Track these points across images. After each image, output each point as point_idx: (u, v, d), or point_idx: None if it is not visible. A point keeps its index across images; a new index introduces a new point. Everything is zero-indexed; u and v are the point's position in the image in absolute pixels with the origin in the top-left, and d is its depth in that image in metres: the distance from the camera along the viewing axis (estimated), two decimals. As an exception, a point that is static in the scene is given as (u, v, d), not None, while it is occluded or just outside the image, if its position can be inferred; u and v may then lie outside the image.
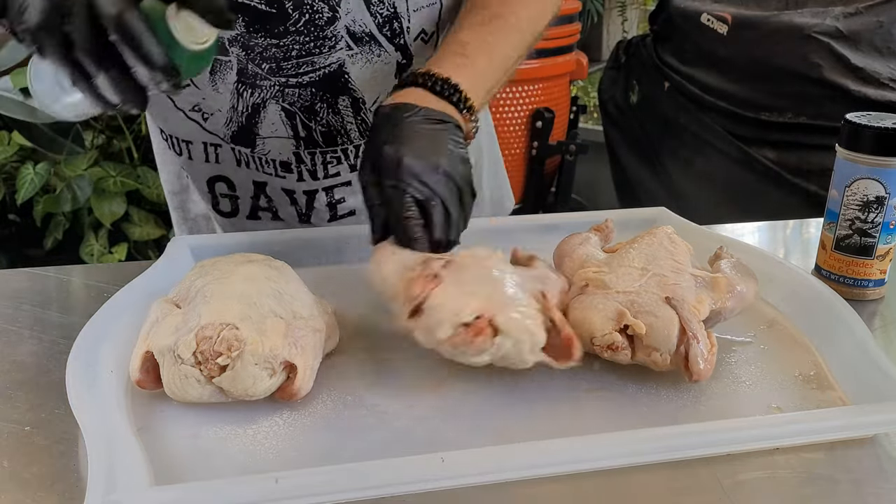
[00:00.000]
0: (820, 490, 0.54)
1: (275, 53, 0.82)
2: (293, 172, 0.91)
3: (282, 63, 0.83)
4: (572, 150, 2.48)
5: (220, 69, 0.84)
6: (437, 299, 0.59)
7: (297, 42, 0.82)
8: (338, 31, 0.83)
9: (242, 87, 0.85)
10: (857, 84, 1.73)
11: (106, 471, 0.49)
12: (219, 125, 0.88)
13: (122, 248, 2.26)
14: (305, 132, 0.89)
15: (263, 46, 0.82)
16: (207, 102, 0.86)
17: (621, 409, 0.61)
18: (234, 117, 0.87)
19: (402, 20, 0.85)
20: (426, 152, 0.68)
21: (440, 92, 0.74)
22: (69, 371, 0.59)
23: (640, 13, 3.48)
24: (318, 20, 0.81)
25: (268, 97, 0.86)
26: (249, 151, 0.90)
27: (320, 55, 0.84)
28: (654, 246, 0.72)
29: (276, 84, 0.85)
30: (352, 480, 0.50)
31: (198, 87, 0.85)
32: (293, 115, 0.87)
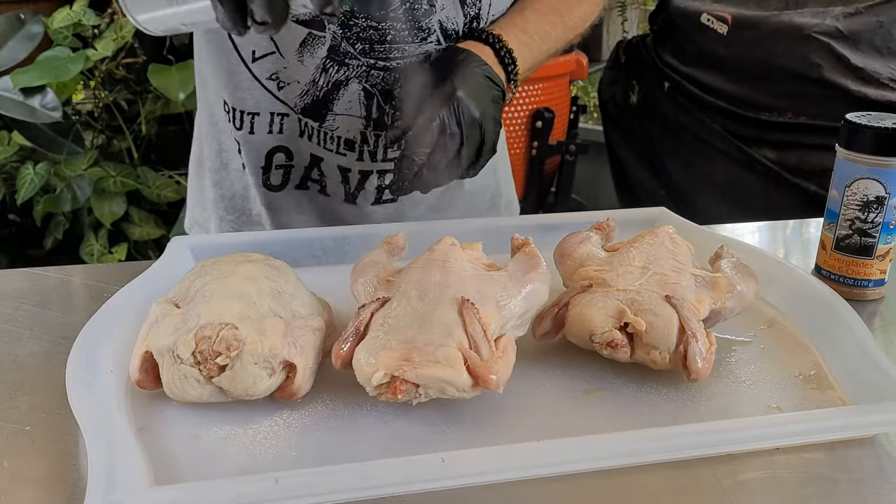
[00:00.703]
0: (820, 490, 0.54)
1: (371, 35, 0.86)
2: (355, 151, 0.93)
3: (375, 45, 0.87)
4: (572, 150, 2.48)
5: (311, 42, 0.87)
6: (355, 359, 0.59)
7: (393, 28, 0.86)
8: (432, 24, 0.88)
9: (330, 63, 0.88)
10: (857, 84, 1.73)
11: (106, 471, 0.49)
12: (292, 95, 0.90)
13: (122, 248, 2.26)
14: (378, 114, 0.91)
15: (362, 27, 0.86)
16: (288, 72, 0.89)
17: (621, 409, 0.61)
18: (312, 90, 0.90)
19: (482, 22, 0.91)
20: (475, 99, 0.77)
21: (502, 58, 0.84)
22: (69, 371, 0.59)
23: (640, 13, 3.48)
24: (416, 10, 0.86)
25: (352, 76, 0.89)
26: (318, 125, 0.92)
27: (412, 44, 0.88)
28: (655, 245, 0.72)
29: (365, 65, 0.88)
30: (352, 480, 0.50)
31: (283, 55, 0.88)
32: (372, 95, 0.90)
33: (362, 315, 0.62)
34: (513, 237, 0.74)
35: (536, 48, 0.89)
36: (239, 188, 0.99)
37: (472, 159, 0.79)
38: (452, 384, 0.56)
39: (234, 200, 1.01)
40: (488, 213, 1.07)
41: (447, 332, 0.59)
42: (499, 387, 0.57)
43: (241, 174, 0.98)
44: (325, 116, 0.91)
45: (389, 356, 0.57)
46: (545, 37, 0.90)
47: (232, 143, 0.97)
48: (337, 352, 0.60)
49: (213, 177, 1.01)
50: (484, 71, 0.81)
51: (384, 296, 0.64)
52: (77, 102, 2.35)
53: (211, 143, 1.00)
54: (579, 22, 0.95)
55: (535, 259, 0.69)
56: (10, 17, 2.05)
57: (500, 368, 0.58)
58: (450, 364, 0.56)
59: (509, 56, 0.85)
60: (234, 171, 0.99)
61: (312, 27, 0.86)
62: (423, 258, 0.68)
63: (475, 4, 0.89)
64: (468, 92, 0.77)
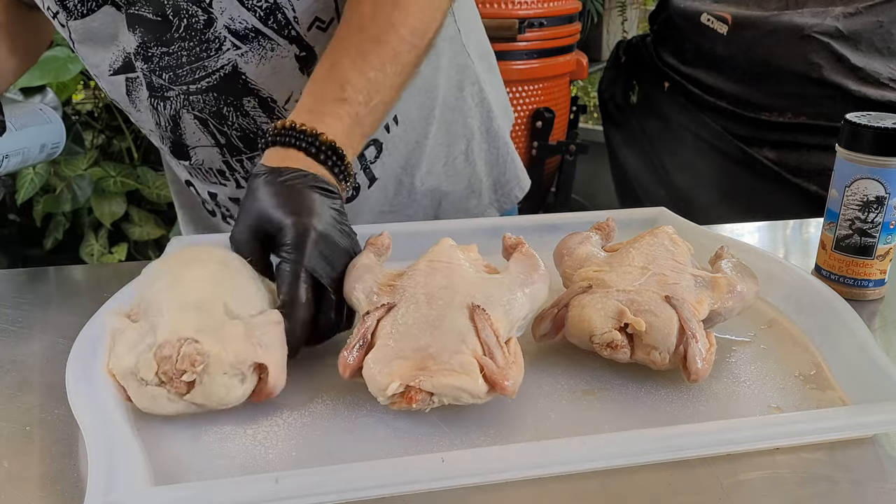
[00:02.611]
0: (820, 490, 0.54)
1: (169, 62, 0.81)
2: (229, 180, 0.90)
3: (177, 71, 0.82)
4: (572, 150, 2.48)
5: (133, 87, 0.84)
6: (367, 369, 0.58)
7: (184, 48, 0.80)
8: (219, 32, 0.80)
9: (155, 101, 0.84)
10: (857, 84, 1.74)
11: (106, 471, 0.49)
12: (159, 142, 0.89)
13: (122, 248, 2.27)
14: (224, 138, 0.86)
15: (159, 56, 0.81)
16: (141, 123, 0.88)
17: (621, 409, 0.61)
18: (161, 133, 0.87)
19: (286, 10, 0.80)
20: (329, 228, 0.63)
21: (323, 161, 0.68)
22: (69, 371, 0.59)
23: (640, 13, 3.48)
24: (195, 24, 0.79)
25: (178, 107, 0.84)
26: (188, 164, 0.89)
27: (209, 58, 0.81)
28: (655, 245, 0.72)
29: (181, 93, 0.83)
30: (352, 480, 0.50)
31: (127, 109, 0.87)
32: (206, 121, 0.85)
33: (368, 322, 0.62)
34: (504, 236, 0.73)
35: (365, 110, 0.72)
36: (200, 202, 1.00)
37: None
38: (468, 391, 0.56)
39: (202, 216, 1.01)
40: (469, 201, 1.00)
41: (460, 338, 0.58)
42: (514, 392, 0.57)
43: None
44: (188, 154, 0.88)
45: (403, 366, 0.57)
46: (373, 88, 0.72)
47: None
48: (344, 361, 0.59)
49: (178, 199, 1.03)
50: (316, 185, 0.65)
51: (388, 301, 0.64)
52: (77, 102, 2.35)
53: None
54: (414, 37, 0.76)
55: (534, 260, 0.68)
56: (10, 17, 2.05)
57: (514, 374, 0.58)
58: (466, 372, 0.56)
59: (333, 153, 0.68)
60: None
61: (127, 71, 0.83)
62: (425, 261, 0.68)
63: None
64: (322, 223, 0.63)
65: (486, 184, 1.03)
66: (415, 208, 0.97)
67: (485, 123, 1.03)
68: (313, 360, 0.63)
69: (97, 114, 2.33)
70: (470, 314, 0.61)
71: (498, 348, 0.58)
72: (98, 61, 0.85)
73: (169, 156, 0.91)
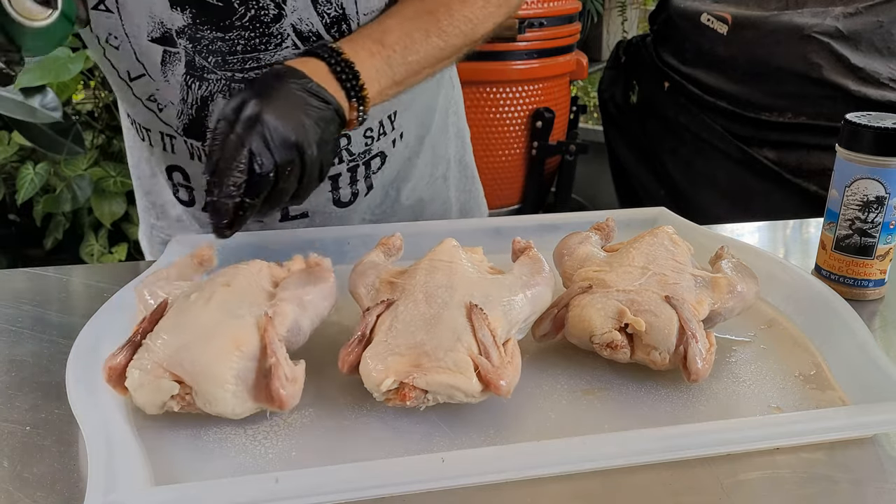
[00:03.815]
0: (820, 490, 0.54)
1: (221, 47, 0.81)
2: None
3: (227, 57, 0.82)
4: (572, 150, 2.48)
5: (169, 60, 0.83)
6: (363, 364, 0.58)
7: (242, 37, 0.81)
8: (284, 29, 0.81)
9: (191, 79, 0.84)
10: (857, 84, 1.74)
11: (106, 471, 0.49)
12: (172, 117, 0.87)
13: (122, 248, 2.27)
14: None
15: (210, 39, 0.81)
16: (161, 93, 0.86)
17: (621, 409, 0.61)
18: (185, 110, 0.86)
19: (351, 22, 0.83)
20: (289, 121, 0.68)
21: (338, 73, 0.74)
22: (69, 371, 0.59)
23: (640, 13, 3.48)
24: (263, 17, 0.80)
25: (215, 90, 0.84)
26: (201, 145, 0.89)
27: (266, 52, 0.82)
28: (655, 245, 0.72)
29: (223, 78, 0.83)
30: (352, 480, 0.50)
31: (152, 77, 0.84)
32: None
33: (368, 319, 0.62)
34: (514, 240, 0.73)
35: (398, 58, 0.78)
36: (168, 196, 0.98)
37: (292, 187, 0.70)
38: (462, 390, 0.56)
39: (166, 207, 0.99)
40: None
41: (456, 336, 0.59)
42: (508, 393, 0.57)
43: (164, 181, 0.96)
44: (205, 135, 0.85)
45: (398, 362, 0.57)
46: (412, 46, 0.79)
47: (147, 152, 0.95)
48: (344, 356, 0.60)
49: (143, 185, 1.00)
50: (306, 87, 0.71)
51: (388, 298, 0.64)
52: (77, 102, 2.35)
53: (139, 151, 0.98)
54: (465, 25, 0.83)
55: (539, 263, 0.69)
56: (10, 17, 2.05)
57: (509, 374, 0.58)
58: (460, 370, 0.56)
59: (348, 69, 0.74)
60: (161, 177, 0.96)
61: (166, 44, 0.82)
62: (427, 260, 0.68)
63: (331, 2, 0.82)
64: (280, 112, 0.68)
65: (454, 207, 1.06)
66: (394, 221, 0.99)
67: (459, 152, 1.07)
68: (313, 359, 0.63)
69: (97, 114, 2.33)
70: (467, 313, 0.61)
71: (494, 348, 0.58)
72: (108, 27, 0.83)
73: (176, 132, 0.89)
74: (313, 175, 0.71)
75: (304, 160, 0.69)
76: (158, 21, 0.81)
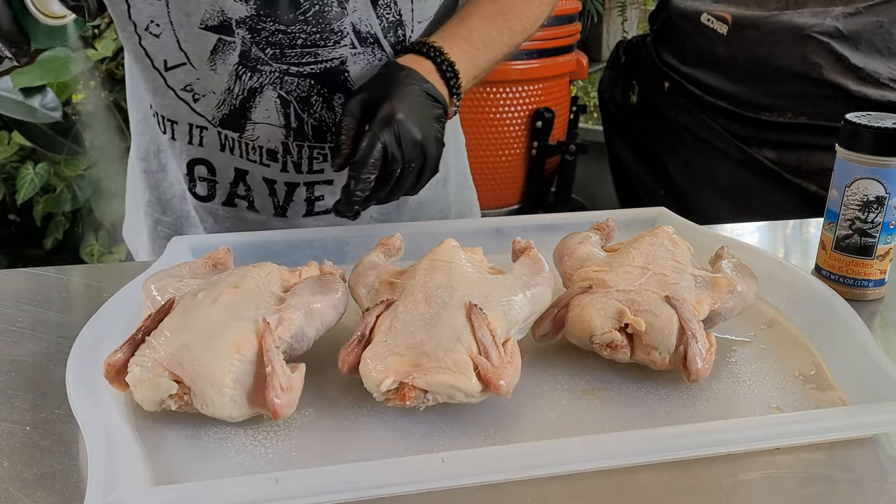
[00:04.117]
0: (820, 490, 0.54)
1: (281, 39, 0.84)
2: (278, 162, 0.91)
3: (286, 50, 0.84)
4: (572, 150, 2.48)
5: (222, 49, 0.84)
6: (363, 364, 0.58)
7: (304, 31, 0.84)
8: (344, 27, 0.84)
9: (242, 69, 0.85)
10: (857, 84, 1.74)
11: (106, 471, 0.49)
12: (209, 107, 0.88)
13: (122, 248, 2.26)
14: (297, 123, 0.89)
15: (271, 31, 0.83)
16: (201, 83, 0.86)
17: (621, 409, 0.61)
18: (228, 100, 0.87)
19: (406, 28, 0.88)
20: (416, 120, 0.76)
21: (443, 72, 0.82)
22: (69, 371, 0.59)
23: (640, 13, 3.48)
24: (326, 12, 0.83)
25: (266, 83, 0.86)
26: (237, 136, 0.90)
27: (325, 48, 0.85)
28: (655, 245, 0.72)
29: (277, 70, 0.86)
30: (352, 480, 0.50)
31: (194, 66, 0.85)
32: (288, 103, 0.88)
33: (367, 319, 0.62)
34: (514, 240, 0.73)
35: (481, 57, 0.87)
36: (178, 190, 0.98)
37: (413, 181, 0.78)
38: (462, 390, 0.56)
39: (173, 202, 0.99)
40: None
41: (456, 336, 0.59)
42: (508, 393, 0.57)
43: (177, 176, 0.96)
44: (244, 126, 0.89)
45: (398, 362, 0.57)
46: (490, 44, 0.88)
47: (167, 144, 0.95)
48: (344, 357, 0.60)
49: (149, 179, 0.99)
50: (424, 89, 0.79)
51: (388, 298, 0.64)
52: (77, 102, 2.35)
53: (148, 144, 0.98)
54: (527, 24, 0.92)
55: (539, 263, 0.69)
56: (10, 17, 2.05)
57: (509, 374, 0.58)
58: (459, 370, 0.56)
59: (451, 70, 0.83)
60: (173, 172, 0.97)
61: (222, 33, 0.83)
62: (427, 260, 0.68)
63: (390, 7, 0.86)
64: (409, 113, 0.76)
65: (453, 210, 1.08)
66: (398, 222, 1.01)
67: (456, 157, 1.09)
68: (314, 360, 0.63)
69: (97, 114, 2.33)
70: (467, 313, 0.61)
71: (494, 348, 0.58)
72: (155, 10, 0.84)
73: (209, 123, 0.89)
74: (430, 167, 0.79)
75: (426, 157, 0.77)
76: (218, 9, 0.82)
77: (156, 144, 0.97)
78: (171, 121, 0.90)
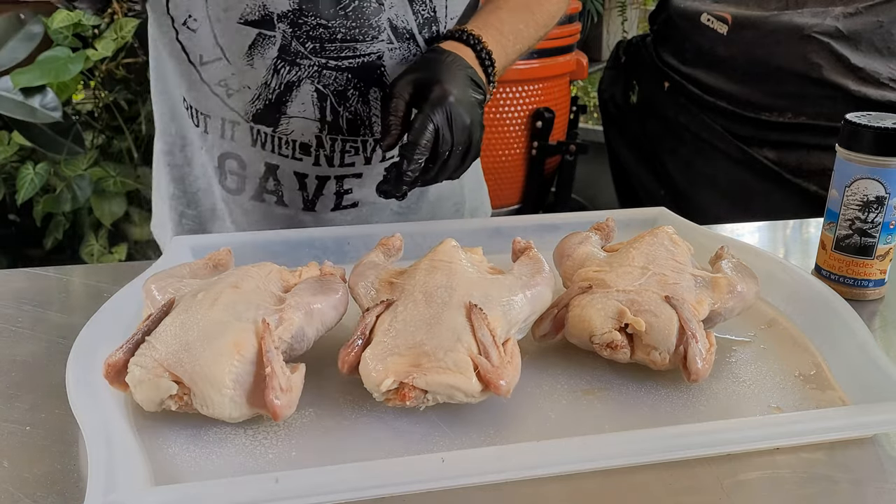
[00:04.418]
0: (820, 490, 0.54)
1: (321, 34, 0.86)
2: (311, 156, 0.93)
3: (326, 44, 0.87)
4: (572, 150, 2.48)
5: (261, 44, 0.86)
6: (363, 364, 0.58)
7: (343, 26, 0.86)
8: (381, 23, 0.87)
9: (281, 63, 0.87)
10: (857, 84, 1.73)
11: (106, 471, 0.49)
12: (242, 102, 0.89)
13: (122, 248, 2.26)
14: (332, 116, 0.91)
15: (312, 25, 0.85)
16: (236, 78, 0.88)
17: (621, 409, 0.62)
18: (264, 94, 0.89)
19: (440, 24, 0.91)
20: (465, 104, 0.79)
21: (482, 59, 0.86)
22: (69, 371, 0.59)
23: (640, 13, 3.48)
24: (365, 8, 0.86)
25: (304, 76, 0.88)
26: (271, 131, 0.91)
27: (363, 42, 0.88)
28: (655, 245, 0.72)
29: (316, 64, 0.88)
30: (352, 480, 0.50)
31: (229, 61, 0.87)
32: (325, 97, 0.90)
33: (367, 319, 0.62)
34: (514, 240, 0.73)
35: (511, 48, 0.90)
36: (203, 184, 0.99)
37: (458, 163, 0.81)
38: (462, 390, 0.56)
39: (198, 195, 1.00)
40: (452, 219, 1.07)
41: (456, 336, 0.59)
42: (508, 393, 0.57)
43: (204, 169, 0.97)
44: (278, 121, 0.90)
45: (398, 362, 0.57)
46: (518, 35, 0.91)
47: (194, 139, 0.96)
48: (344, 357, 0.60)
49: (174, 173, 1.00)
50: (469, 74, 0.82)
51: (388, 298, 0.64)
52: (77, 102, 2.35)
53: (174, 138, 0.99)
54: (549, 18, 0.97)
55: (539, 263, 0.69)
56: (10, 17, 2.05)
57: (509, 374, 0.58)
58: (459, 370, 0.56)
59: (489, 58, 0.86)
60: (199, 166, 0.98)
61: (262, 27, 0.85)
62: (427, 260, 0.68)
63: (425, 3, 0.89)
64: (459, 97, 0.79)
65: (467, 206, 1.09)
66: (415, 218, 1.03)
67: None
68: (313, 360, 0.63)
69: (97, 114, 2.33)
70: (467, 313, 0.61)
71: (494, 348, 0.58)
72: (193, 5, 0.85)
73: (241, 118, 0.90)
74: (474, 150, 0.81)
75: (471, 140, 0.80)
76: (260, 4, 0.84)
77: (182, 139, 0.98)
78: (204, 115, 0.92)
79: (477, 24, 0.89)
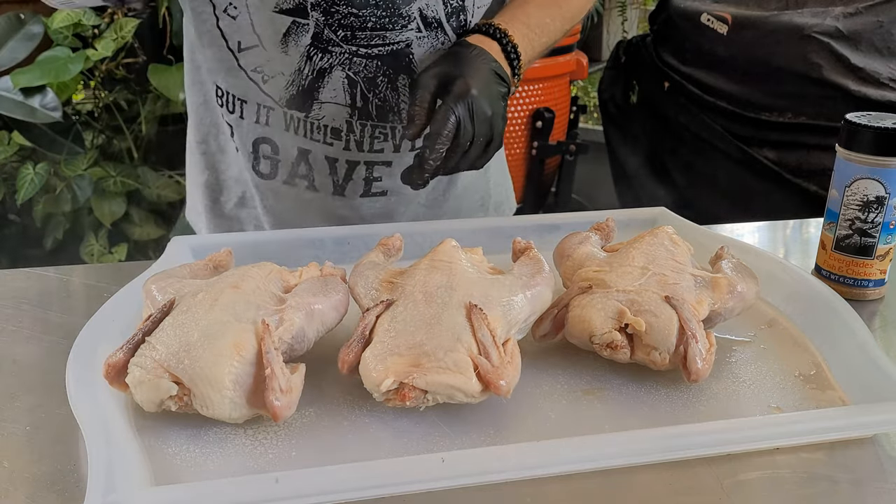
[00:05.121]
0: (820, 490, 0.54)
1: (352, 22, 0.88)
2: (341, 140, 0.94)
3: (357, 32, 0.88)
4: (572, 150, 2.48)
5: (295, 31, 0.88)
6: (363, 364, 0.58)
7: (374, 15, 0.88)
8: (412, 12, 0.89)
9: (314, 50, 0.89)
10: (857, 84, 1.73)
11: (106, 471, 0.49)
12: (277, 88, 0.92)
13: (122, 248, 2.26)
14: (362, 102, 0.93)
15: (343, 14, 0.87)
16: (271, 64, 0.90)
17: (621, 409, 0.62)
18: (297, 80, 0.91)
19: (468, 14, 0.92)
20: (487, 97, 0.81)
21: (508, 53, 0.87)
22: (69, 371, 0.59)
23: (640, 13, 3.48)
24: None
25: (335, 63, 0.90)
26: (303, 116, 0.93)
27: (393, 31, 0.89)
28: (655, 246, 0.72)
29: (347, 52, 0.89)
30: (352, 480, 0.50)
31: (265, 47, 0.89)
32: (355, 83, 0.92)
33: (367, 319, 0.62)
34: (514, 240, 0.74)
35: (537, 41, 0.92)
36: (234, 171, 1.01)
37: (479, 154, 0.82)
38: (462, 390, 0.56)
39: (229, 183, 1.02)
40: (477, 213, 1.09)
41: (456, 336, 0.59)
42: (508, 393, 0.57)
43: (236, 157, 0.99)
44: (310, 106, 0.92)
45: (398, 362, 0.57)
46: (545, 29, 0.93)
47: (227, 127, 0.98)
48: (343, 357, 0.60)
49: (206, 160, 1.03)
50: (493, 68, 0.84)
51: (387, 298, 0.64)
52: (77, 102, 2.35)
53: (208, 127, 1.01)
54: (576, 13, 0.98)
55: (539, 263, 0.69)
56: (10, 17, 2.05)
57: (509, 374, 0.58)
58: (459, 370, 0.56)
59: (514, 51, 0.87)
60: (231, 154, 1.00)
61: (296, 15, 0.87)
62: (426, 260, 0.68)
63: None
64: (481, 90, 0.80)
65: (492, 200, 1.11)
66: (441, 211, 1.05)
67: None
68: (313, 360, 0.63)
69: (97, 114, 2.33)
70: (467, 313, 0.61)
71: (493, 348, 0.58)
72: None
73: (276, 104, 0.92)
74: (496, 142, 0.83)
75: (493, 132, 0.81)
76: None
77: (216, 127, 1.00)
78: (241, 100, 0.94)
79: (504, 18, 0.90)
